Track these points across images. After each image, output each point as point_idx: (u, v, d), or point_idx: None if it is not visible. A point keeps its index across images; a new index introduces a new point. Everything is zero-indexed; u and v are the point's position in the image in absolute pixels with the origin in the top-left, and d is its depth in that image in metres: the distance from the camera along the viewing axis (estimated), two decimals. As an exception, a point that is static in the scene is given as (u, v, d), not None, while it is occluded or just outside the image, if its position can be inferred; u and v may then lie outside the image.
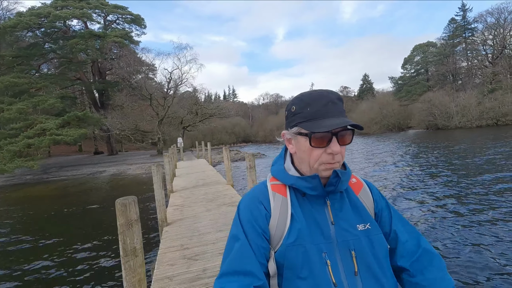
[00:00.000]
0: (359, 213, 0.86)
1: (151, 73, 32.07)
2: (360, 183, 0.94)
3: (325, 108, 0.80)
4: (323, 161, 0.80)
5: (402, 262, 0.85)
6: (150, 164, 21.59)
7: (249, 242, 0.80)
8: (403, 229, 0.89)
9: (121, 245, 2.32)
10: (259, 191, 0.89)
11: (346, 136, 0.80)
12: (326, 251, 0.79)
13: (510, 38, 43.92)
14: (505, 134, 23.77)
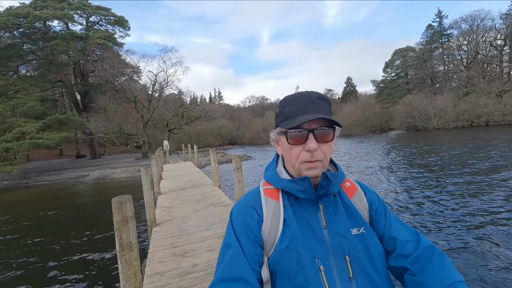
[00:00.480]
0: (353, 217, 0.85)
1: (136, 75, 31.72)
2: (354, 187, 0.93)
3: (303, 107, 0.81)
4: (303, 159, 0.81)
5: (402, 262, 0.82)
6: (135, 167, 21.37)
7: (242, 248, 0.79)
8: (400, 230, 0.87)
9: (117, 240, 2.49)
10: (251, 197, 0.89)
11: (324, 133, 0.80)
12: (319, 256, 0.78)
13: (483, 44, 46.38)
14: (479, 135, 25.11)
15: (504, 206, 6.53)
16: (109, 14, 31.27)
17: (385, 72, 65.87)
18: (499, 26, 44.68)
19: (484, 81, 42.55)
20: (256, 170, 16.82)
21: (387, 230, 0.87)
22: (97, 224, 8.29)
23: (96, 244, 6.63)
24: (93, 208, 10.63)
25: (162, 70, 28.36)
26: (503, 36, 44.66)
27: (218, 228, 4.78)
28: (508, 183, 8.38)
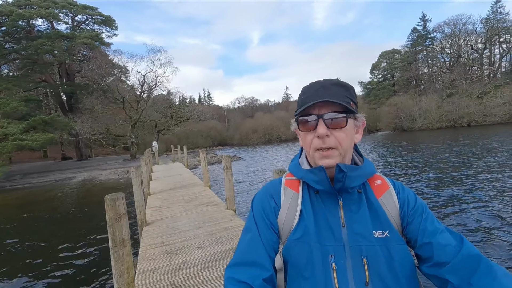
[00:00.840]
0: (378, 218, 0.79)
1: (124, 76, 31.29)
2: (385, 185, 0.85)
3: (314, 93, 0.79)
4: (315, 146, 0.79)
5: (438, 271, 0.74)
6: (123, 169, 21.10)
7: (259, 234, 0.81)
8: (439, 233, 0.77)
9: (110, 236, 2.56)
10: (271, 186, 0.90)
11: (335, 119, 0.76)
12: (333, 254, 0.75)
13: (464, 47, 48.03)
14: (461, 135, 26.01)
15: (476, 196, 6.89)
16: (95, 13, 30.76)
17: (372, 74, 67.22)
18: (480, 30, 46.49)
19: (466, 83, 44.06)
20: (245, 170, 16.92)
21: (422, 233, 0.77)
22: (85, 226, 8.21)
23: (85, 244, 6.58)
24: (80, 210, 10.48)
25: (151, 71, 28.15)
26: (483, 40, 46.41)
27: (209, 227, 4.87)
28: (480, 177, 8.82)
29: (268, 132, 52.33)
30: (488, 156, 13.22)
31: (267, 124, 52.67)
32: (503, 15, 45.50)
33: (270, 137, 52.05)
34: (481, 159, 12.53)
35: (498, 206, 6.50)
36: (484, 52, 47.54)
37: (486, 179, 9.03)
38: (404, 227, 0.81)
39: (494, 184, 8.29)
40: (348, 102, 0.78)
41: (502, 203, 6.66)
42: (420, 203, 0.83)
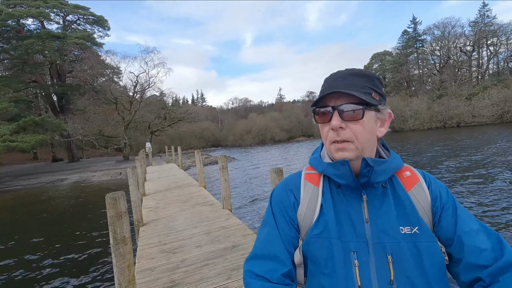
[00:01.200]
0: (406, 214, 0.74)
1: (116, 76, 31.02)
2: (415, 177, 0.80)
3: (333, 83, 0.75)
4: (330, 138, 0.75)
5: (474, 275, 0.68)
6: (116, 170, 20.90)
7: (277, 228, 0.80)
8: (475, 233, 0.71)
9: (111, 235, 2.60)
10: (291, 180, 0.87)
11: (350, 110, 0.72)
12: (355, 250, 0.72)
13: (453, 50, 49.06)
14: (449, 135, 26.57)
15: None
16: (87, 13, 30.43)
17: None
18: (468, 33, 47.55)
19: (455, 85, 45.00)
20: (240, 171, 16.97)
21: (454, 231, 0.73)
22: (80, 227, 8.15)
23: (80, 245, 6.54)
24: (74, 211, 10.38)
25: (144, 71, 27.96)
26: (472, 43, 47.50)
27: (205, 226, 4.92)
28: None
29: (261, 133, 52.44)
30: (470, 155, 13.58)
31: (261, 125, 52.79)
32: (490, 18, 46.74)
33: (263, 138, 52.16)
34: (457, 158, 12.87)
35: (475, 200, 6.72)
36: (473, 54, 48.67)
37: (468, 176, 9.29)
38: (436, 222, 0.75)
39: (475, 181, 8.55)
40: (369, 93, 0.73)
41: (481, 197, 6.88)
42: (452, 198, 0.78)
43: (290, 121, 55.90)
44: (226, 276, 3.11)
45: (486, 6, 47.12)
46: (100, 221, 8.49)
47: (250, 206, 8.68)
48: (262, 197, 9.62)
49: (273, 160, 22.13)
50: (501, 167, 10.27)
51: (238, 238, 4.18)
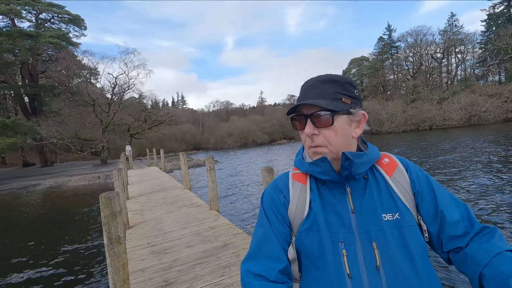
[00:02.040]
0: (387, 201, 0.79)
1: (93, 77, 29.98)
2: (394, 163, 0.86)
3: (304, 92, 0.81)
4: (307, 144, 0.82)
5: (454, 244, 0.75)
6: (94, 174, 20.18)
7: (271, 227, 0.83)
8: (451, 208, 0.78)
9: (105, 234, 2.59)
10: (279, 181, 0.91)
11: (321, 117, 0.77)
12: (343, 241, 0.76)
13: (425, 56, 51.70)
14: (423, 137, 27.95)
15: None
16: (62, 12, 29.27)
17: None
18: (438, 41, 50.29)
19: (427, 90, 47.40)
20: (223, 173, 16.94)
21: (436, 208, 0.79)
22: (57, 233, 7.83)
23: (60, 251, 6.31)
24: (49, 217, 9.94)
25: (124, 73, 27.25)
26: (442, 50, 50.29)
27: (194, 227, 4.94)
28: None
29: (243, 136, 52.52)
30: (441, 156, 14.43)
31: (243, 128, 52.89)
32: (457, 28, 49.81)
33: (245, 141, 52.25)
34: (430, 158, 13.65)
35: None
36: (443, 61, 51.53)
37: (438, 174, 9.88)
38: (419, 203, 0.81)
39: (446, 179, 9.12)
40: (339, 98, 0.78)
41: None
42: (426, 177, 0.84)
43: (271, 124, 56.39)
44: (219, 273, 3.17)
45: (454, 16, 50.23)
46: (81, 225, 8.21)
47: (237, 207, 8.73)
48: (248, 198, 9.70)
49: (256, 162, 22.26)
50: (469, 167, 10.99)
51: (228, 238, 4.24)
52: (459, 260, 0.75)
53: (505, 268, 0.66)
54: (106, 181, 18.38)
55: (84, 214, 9.78)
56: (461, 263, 0.75)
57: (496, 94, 39.07)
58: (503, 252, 0.69)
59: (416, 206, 0.81)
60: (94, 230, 7.72)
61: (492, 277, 0.67)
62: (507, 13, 45.35)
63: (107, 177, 19.17)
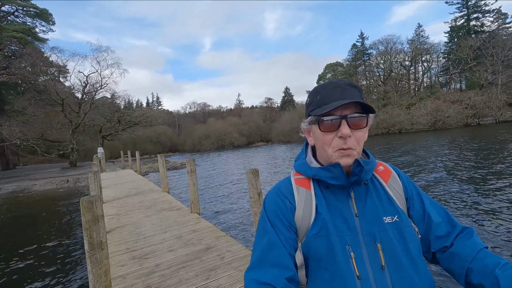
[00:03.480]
0: (387, 204, 0.84)
1: (63, 75, 28.36)
2: (389, 170, 0.92)
3: (335, 93, 0.80)
4: (336, 146, 0.80)
5: (441, 243, 0.84)
6: (62, 178, 19.07)
7: (277, 234, 0.81)
8: (435, 211, 0.87)
9: (87, 240, 2.49)
10: (283, 186, 0.90)
11: (357, 119, 0.79)
12: (350, 243, 0.78)
13: (395, 64, 54.47)
14: (393, 140, 29.39)
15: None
16: (28, 5, 27.48)
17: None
18: (407, 50, 53.25)
19: (397, 95, 49.94)
20: (201, 175, 16.70)
21: (424, 211, 0.87)
22: (21, 242, 7.31)
23: (27, 262, 5.89)
24: (12, 224, 9.25)
25: (96, 71, 26.06)
26: (410, 58, 53.30)
27: (176, 230, 4.84)
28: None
29: (221, 138, 52.19)
30: (410, 158, 15.29)
31: (220, 130, 52.55)
32: (424, 38, 53.09)
33: (223, 143, 51.95)
34: (398, 159, 14.44)
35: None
36: (410, 69, 54.62)
37: (410, 176, 10.47)
38: (410, 207, 0.88)
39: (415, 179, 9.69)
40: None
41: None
42: (413, 184, 0.93)
43: (249, 126, 56.58)
44: (204, 276, 3.13)
45: (420, 27, 53.54)
46: (51, 232, 7.73)
47: (218, 209, 8.65)
48: (228, 201, 9.64)
49: (234, 164, 22.19)
50: (434, 168, 11.72)
51: (211, 240, 4.20)
52: (446, 259, 0.83)
53: (489, 261, 0.75)
54: (76, 185, 17.45)
55: (52, 220, 9.21)
56: (448, 261, 0.82)
57: (458, 101, 42.05)
58: (483, 249, 0.79)
59: (407, 210, 0.88)
60: (66, 236, 7.30)
61: (479, 270, 0.75)
62: (466, 26, 49.06)
63: (77, 180, 18.20)
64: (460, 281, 0.81)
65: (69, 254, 6.00)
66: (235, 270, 3.21)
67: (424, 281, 0.77)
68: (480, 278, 0.75)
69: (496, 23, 47.91)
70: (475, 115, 40.53)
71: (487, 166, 10.82)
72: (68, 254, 6.01)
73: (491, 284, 0.72)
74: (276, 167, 18.26)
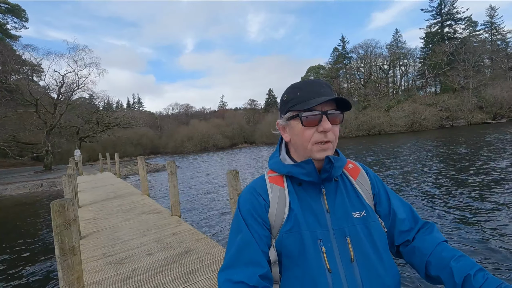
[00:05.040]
0: (355, 200, 0.88)
1: (36, 75, 27.12)
2: (357, 168, 0.96)
3: (315, 90, 0.84)
4: (316, 140, 0.83)
5: (404, 237, 0.88)
6: (36, 182, 18.20)
7: (251, 232, 0.82)
8: (400, 207, 0.92)
9: (57, 245, 2.39)
10: (257, 184, 0.92)
11: (336, 116, 0.84)
12: (321, 238, 0.81)
13: (374, 67, 56.19)
14: (373, 142, 30.26)
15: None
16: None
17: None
18: (385, 54, 55.08)
19: (376, 98, 51.48)
20: (184, 178, 16.47)
21: (389, 207, 0.91)
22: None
23: None
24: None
25: (73, 71, 25.10)
26: (388, 62, 55.15)
27: (155, 234, 4.75)
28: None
29: (204, 140, 51.65)
30: (389, 158, 15.82)
31: (203, 132, 52.03)
32: (401, 43, 55.17)
33: (206, 145, 51.44)
34: (377, 158, 14.93)
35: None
36: (389, 73, 56.52)
37: (388, 175, 10.84)
38: (376, 203, 0.93)
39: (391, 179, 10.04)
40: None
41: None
42: (381, 181, 0.98)
43: (232, 128, 56.35)
44: (182, 280, 3.09)
45: (398, 33, 55.59)
46: (21, 237, 7.36)
47: (199, 211, 8.56)
48: (210, 202, 9.56)
49: (217, 166, 22.04)
50: (413, 168, 12.18)
51: (191, 243, 4.15)
52: (408, 252, 0.88)
53: (445, 254, 0.80)
54: (51, 189, 16.72)
55: (23, 226, 8.77)
56: (410, 255, 0.87)
57: (433, 104, 43.95)
58: (442, 243, 0.84)
59: (374, 205, 0.92)
60: (38, 243, 6.98)
61: (437, 263, 0.80)
62: (440, 33, 51.47)
63: (52, 184, 17.45)
64: (420, 274, 0.85)
65: (41, 261, 5.74)
66: (214, 272, 3.18)
67: (389, 272, 0.81)
68: (437, 271, 0.79)
69: (467, 30, 50.66)
70: (449, 117, 42.53)
71: (456, 165, 11.36)
72: (40, 262, 5.74)
73: (447, 275, 0.77)
74: (258, 168, 18.31)
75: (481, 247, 4.58)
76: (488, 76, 46.38)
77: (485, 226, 5.36)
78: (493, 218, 5.70)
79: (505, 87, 40.56)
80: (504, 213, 5.88)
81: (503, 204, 6.38)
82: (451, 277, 0.75)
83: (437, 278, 0.80)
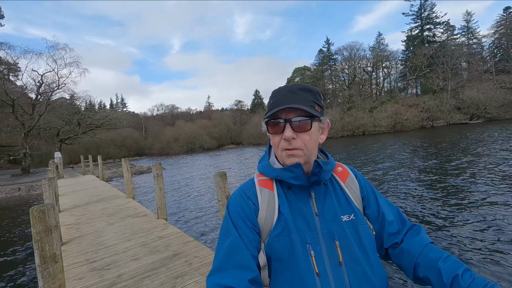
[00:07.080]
0: (344, 204, 0.88)
1: (13, 74, 25.97)
2: (347, 171, 0.96)
3: (282, 98, 0.83)
4: (283, 147, 0.83)
5: (392, 240, 0.89)
6: (13, 186, 17.43)
7: (240, 236, 0.81)
8: (388, 209, 0.93)
9: (38, 253, 2.29)
10: (246, 187, 0.91)
11: (301, 123, 0.81)
12: (310, 242, 0.81)
13: (358, 69, 57.38)
14: (357, 142, 30.88)
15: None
16: (-29, -5, 24.88)
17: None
18: (369, 56, 56.40)
19: (360, 99, 52.58)
20: (170, 180, 16.21)
21: (378, 210, 0.92)
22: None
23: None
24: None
25: (52, 70, 24.23)
26: (371, 64, 56.48)
27: (141, 238, 4.63)
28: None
29: (190, 141, 51.13)
30: (373, 158, 16.20)
31: (190, 133, 51.48)
32: (384, 45, 56.66)
33: (192, 146, 50.93)
34: (362, 158, 15.27)
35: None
36: (372, 74, 57.87)
37: (372, 176, 11.09)
38: (365, 206, 0.93)
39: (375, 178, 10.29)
40: (313, 106, 0.84)
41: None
42: (369, 184, 0.98)
43: (219, 129, 56.10)
44: (170, 284, 3.03)
45: (381, 35, 57.08)
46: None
47: (186, 214, 8.44)
48: (197, 204, 9.45)
49: (204, 168, 21.83)
50: (390, 166, 12.51)
51: (178, 246, 4.08)
52: (397, 254, 0.89)
53: (433, 255, 0.82)
54: (29, 193, 16.05)
55: (0, 233, 8.36)
56: (398, 257, 0.89)
57: (414, 105, 45.37)
58: (428, 244, 0.86)
59: (363, 208, 0.93)
60: (16, 251, 6.66)
61: (425, 264, 0.82)
62: (420, 36, 53.21)
63: (30, 188, 16.75)
64: (409, 275, 0.86)
65: (19, 271, 5.48)
66: (202, 276, 3.14)
67: (377, 275, 0.82)
68: (426, 272, 0.81)
69: (446, 34, 52.64)
70: (429, 118, 44.00)
71: (436, 164, 11.76)
72: (18, 271, 5.48)
73: (435, 276, 0.78)
74: (246, 169, 18.28)
75: (464, 247, 4.74)
76: (465, 78, 48.34)
77: (466, 224, 5.57)
78: (475, 214, 5.92)
79: (481, 89, 42.41)
80: (482, 210, 6.12)
81: (477, 202, 6.65)
82: (439, 278, 0.77)
83: (426, 279, 0.81)
